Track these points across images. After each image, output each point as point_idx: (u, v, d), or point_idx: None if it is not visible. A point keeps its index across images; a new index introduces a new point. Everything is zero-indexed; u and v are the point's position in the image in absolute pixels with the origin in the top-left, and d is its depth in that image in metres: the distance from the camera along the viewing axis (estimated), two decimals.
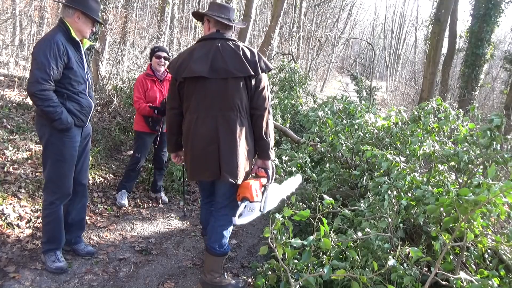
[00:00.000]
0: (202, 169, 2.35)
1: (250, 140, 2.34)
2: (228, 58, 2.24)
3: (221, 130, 2.25)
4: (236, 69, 2.23)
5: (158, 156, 4.03)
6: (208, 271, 2.52)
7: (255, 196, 2.27)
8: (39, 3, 8.10)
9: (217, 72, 2.25)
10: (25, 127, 4.37)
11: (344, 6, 26.48)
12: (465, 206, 1.79)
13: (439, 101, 3.05)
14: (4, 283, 2.43)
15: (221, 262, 2.55)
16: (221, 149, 2.26)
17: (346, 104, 3.81)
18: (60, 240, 2.65)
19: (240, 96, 2.25)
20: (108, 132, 5.47)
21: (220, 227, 2.46)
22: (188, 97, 2.35)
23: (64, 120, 2.39)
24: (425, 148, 2.72)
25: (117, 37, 9.35)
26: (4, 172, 3.56)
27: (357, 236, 2.30)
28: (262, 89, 2.29)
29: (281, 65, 6.87)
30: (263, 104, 2.29)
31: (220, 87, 2.25)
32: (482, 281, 1.76)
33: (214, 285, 2.51)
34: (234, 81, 2.24)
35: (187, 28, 16.47)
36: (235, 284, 2.60)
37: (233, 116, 2.25)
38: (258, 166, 2.43)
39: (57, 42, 2.35)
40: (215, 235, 2.47)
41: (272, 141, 2.37)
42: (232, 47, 2.28)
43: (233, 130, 2.25)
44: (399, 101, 17.30)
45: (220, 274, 2.55)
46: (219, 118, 2.26)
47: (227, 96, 2.25)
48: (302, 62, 18.55)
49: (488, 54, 10.72)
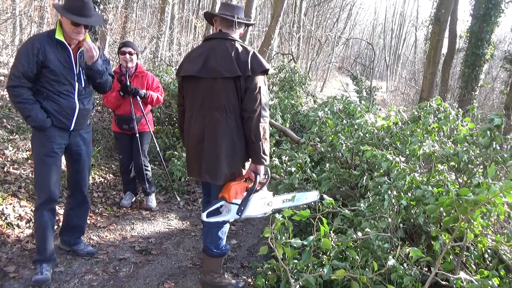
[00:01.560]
0: (192, 167, 2.39)
1: (238, 141, 2.28)
2: (219, 58, 2.24)
3: (206, 130, 2.27)
4: (225, 69, 2.21)
5: (135, 159, 3.78)
6: (208, 272, 2.54)
7: (233, 198, 2.23)
8: (39, 3, 8.10)
9: (207, 72, 2.25)
10: (25, 127, 4.37)
11: (344, 6, 26.48)
12: (464, 206, 1.79)
13: (438, 101, 3.05)
14: (4, 283, 2.43)
15: (220, 262, 2.56)
16: (204, 149, 2.27)
17: (346, 104, 3.80)
18: (46, 252, 2.50)
19: (227, 96, 2.22)
20: (108, 132, 5.47)
21: (214, 229, 2.46)
22: (186, 95, 2.42)
23: (35, 117, 2.35)
24: (425, 148, 2.72)
25: (117, 37, 9.35)
26: (4, 172, 3.56)
27: (357, 236, 2.30)
28: (252, 90, 2.21)
29: (281, 65, 6.87)
30: (253, 106, 2.20)
31: (210, 87, 2.26)
32: (482, 281, 1.75)
33: (214, 285, 2.53)
34: (222, 81, 2.22)
35: (187, 28, 16.46)
36: (235, 284, 2.61)
37: (219, 116, 2.24)
38: (250, 170, 2.35)
39: (34, 41, 2.33)
40: (210, 236, 2.48)
41: (264, 145, 2.25)
42: (227, 46, 2.26)
43: (217, 130, 2.24)
44: (399, 101, 17.30)
45: (220, 274, 2.57)
46: (207, 117, 2.27)
47: (215, 96, 2.24)
48: (302, 62, 18.55)
49: (488, 54, 10.72)
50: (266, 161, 2.29)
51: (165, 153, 4.95)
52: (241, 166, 2.36)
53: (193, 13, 17.40)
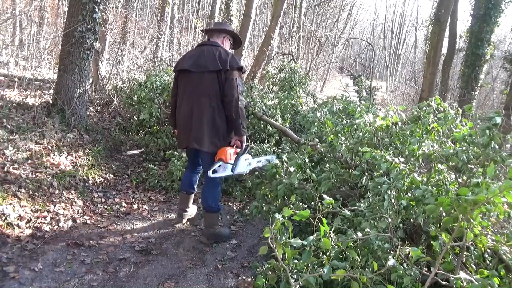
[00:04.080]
0: (182, 139, 3.14)
1: (219, 119, 3.01)
2: (207, 57, 3.01)
3: (194, 110, 3.01)
4: (210, 65, 2.97)
5: None
6: (209, 225, 3.27)
7: (228, 159, 3.00)
8: (39, 3, 8.11)
9: (197, 67, 3.02)
10: (25, 127, 4.37)
11: (344, 6, 26.46)
12: (464, 205, 1.78)
13: (438, 101, 3.04)
14: (4, 283, 2.43)
15: (217, 217, 3.34)
16: (192, 123, 3.00)
17: (346, 104, 3.80)
18: None
19: (212, 85, 2.98)
20: (108, 132, 5.48)
21: (209, 190, 3.19)
22: (179, 85, 3.20)
23: None
24: (424, 149, 2.72)
25: (117, 37, 9.35)
26: (4, 172, 3.56)
27: (357, 236, 2.30)
28: (231, 81, 2.96)
29: (281, 65, 6.85)
30: (231, 92, 2.94)
31: (199, 78, 3.02)
32: (482, 281, 1.75)
33: (216, 235, 3.30)
34: (208, 74, 2.99)
35: (187, 28, 16.46)
36: (227, 231, 3.46)
37: (204, 99, 2.98)
38: (235, 139, 3.12)
39: None
40: (207, 196, 3.20)
41: (243, 122, 3.02)
42: (213, 50, 3.05)
43: (203, 110, 2.98)
44: (399, 101, 17.31)
45: (218, 226, 3.36)
46: (196, 101, 3.01)
47: (202, 85, 3.00)
48: (302, 62, 18.55)
49: (488, 54, 10.71)
50: (245, 132, 3.09)
51: (165, 153, 4.95)
52: (220, 137, 3.06)
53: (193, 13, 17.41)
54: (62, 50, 4.82)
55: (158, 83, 5.41)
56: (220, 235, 3.33)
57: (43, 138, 4.33)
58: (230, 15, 11.22)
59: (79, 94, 4.88)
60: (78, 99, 4.88)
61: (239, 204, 4.37)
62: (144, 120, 5.28)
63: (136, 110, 5.70)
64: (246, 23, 8.42)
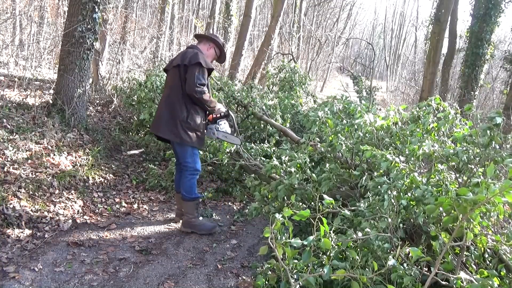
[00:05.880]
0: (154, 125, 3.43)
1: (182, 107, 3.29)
2: (180, 57, 3.34)
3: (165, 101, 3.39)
4: (176, 62, 3.32)
5: None
6: (185, 213, 3.46)
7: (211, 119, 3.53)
8: (39, 3, 8.11)
9: (171, 65, 3.39)
10: (25, 127, 4.37)
11: (344, 6, 26.48)
12: (464, 205, 1.78)
13: (437, 100, 3.04)
14: (4, 283, 2.43)
15: (193, 206, 3.44)
16: (162, 112, 3.35)
17: (346, 104, 3.79)
18: None
19: (177, 79, 3.30)
20: (108, 132, 5.48)
21: (184, 179, 3.40)
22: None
23: None
24: (425, 148, 2.71)
25: (117, 37, 9.35)
26: (4, 172, 3.56)
27: (357, 236, 2.30)
28: (190, 74, 3.23)
29: (281, 65, 6.85)
30: (192, 84, 3.22)
31: (171, 75, 3.41)
32: (482, 281, 1.75)
33: (192, 224, 3.45)
34: (172, 70, 3.35)
35: (187, 28, 16.47)
36: (207, 225, 3.51)
37: (172, 92, 3.35)
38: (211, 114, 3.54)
39: None
40: (183, 185, 3.41)
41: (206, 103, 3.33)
42: (188, 51, 3.36)
43: (169, 101, 3.35)
44: (399, 101, 17.31)
45: (194, 216, 3.46)
46: (166, 93, 3.41)
47: (172, 80, 3.38)
48: (302, 62, 18.55)
49: (488, 54, 10.71)
50: (214, 109, 3.44)
51: (165, 153, 4.95)
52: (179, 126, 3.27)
53: (193, 13, 17.41)
54: (62, 50, 4.82)
55: (158, 83, 5.41)
56: (196, 226, 3.44)
57: (43, 138, 4.33)
58: (230, 15, 11.22)
59: (79, 94, 4.88)
60: (78, 99, 4.88)
61: (239, 204, 4.37)
62: (144, 120, 5.28)
63: (136, 110, 5.70)
64: (246, 23, 8.43)
